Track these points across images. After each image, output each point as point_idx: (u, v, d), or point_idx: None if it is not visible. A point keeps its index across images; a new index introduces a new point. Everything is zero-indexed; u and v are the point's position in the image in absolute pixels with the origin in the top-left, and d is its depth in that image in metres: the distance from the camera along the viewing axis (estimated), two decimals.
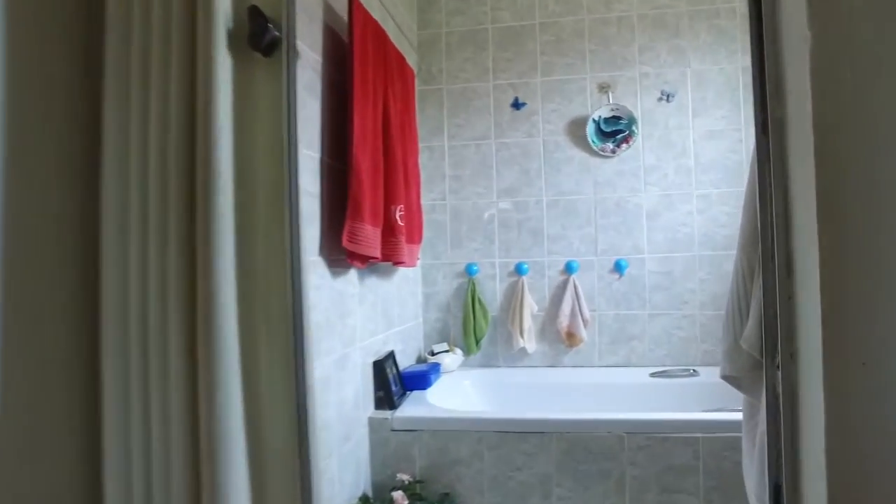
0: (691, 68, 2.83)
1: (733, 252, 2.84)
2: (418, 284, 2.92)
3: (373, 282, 2.21)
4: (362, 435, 2.06)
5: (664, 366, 2.77)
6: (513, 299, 2.86)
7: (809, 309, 0.74)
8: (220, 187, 0.86)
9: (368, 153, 1.88)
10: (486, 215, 2.92)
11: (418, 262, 2.63)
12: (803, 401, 0.76)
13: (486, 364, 2.91)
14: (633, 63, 2.87)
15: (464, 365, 2.88)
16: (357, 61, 1.82)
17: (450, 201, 2.96)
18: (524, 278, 2.86)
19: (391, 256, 2.03)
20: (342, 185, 1.85)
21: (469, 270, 2.90)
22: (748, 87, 2.77)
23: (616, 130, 2.82)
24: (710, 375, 2.67)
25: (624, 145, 2.82)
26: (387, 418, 2.11)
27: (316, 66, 1.77)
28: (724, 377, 1.06)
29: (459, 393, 2.63)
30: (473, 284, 2.88)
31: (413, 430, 2.09)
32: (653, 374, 2.71)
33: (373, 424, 2.12)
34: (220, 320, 0.86)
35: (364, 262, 1.91)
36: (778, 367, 0.83)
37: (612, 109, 2.82)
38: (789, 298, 0.81)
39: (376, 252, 1.89)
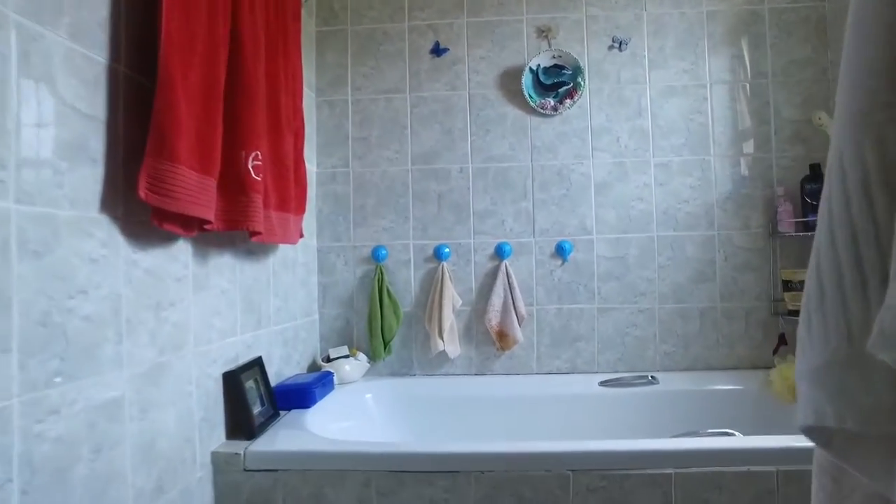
0: (647, 11, 2.33)
1: (697, 233, 2.37)
2: (312, 272, 2.30)
3: (224, 262, 1.59)
4: (199, 480, 1.43)
5: (616, 372, 2.25)
6: (431, 291, 2.28)
7: None
8: None
9: (196, 69, 1.26)
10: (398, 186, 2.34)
11: (301, 241, 2.01)
12: None
13: (398, 373, 2.32)
14: (578, 3, 2.34)
15: (370, 373, 2.28)
16: None
17: (353, 168, 2.35)
18: (445, 264, 2.28)
19: (239, 223, 1.41)
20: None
21: (376, 255, 2.31)
22: (714, 35, 2.30)
23: (558, 83, 2.29)
24: (672, 383, 2.17)
25: (567, 101, 2.29)
26: (238, 453, 1.49)
27: None
28: (811, 428, 0.43)
29: (358, 411, 2.03)
30: (382, 272, 2.28)
31: (274, 469, 1.47)
32: (603, 383, 2.18)
33: (218, 462, 1.49)
34: None
35: (190, 227, 1.28)
36: None
37: (554, 57, 2.29)
38: None
39: (206, 211, 1.27)
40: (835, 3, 2.24)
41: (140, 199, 1.12)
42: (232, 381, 1.56)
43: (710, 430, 1.70)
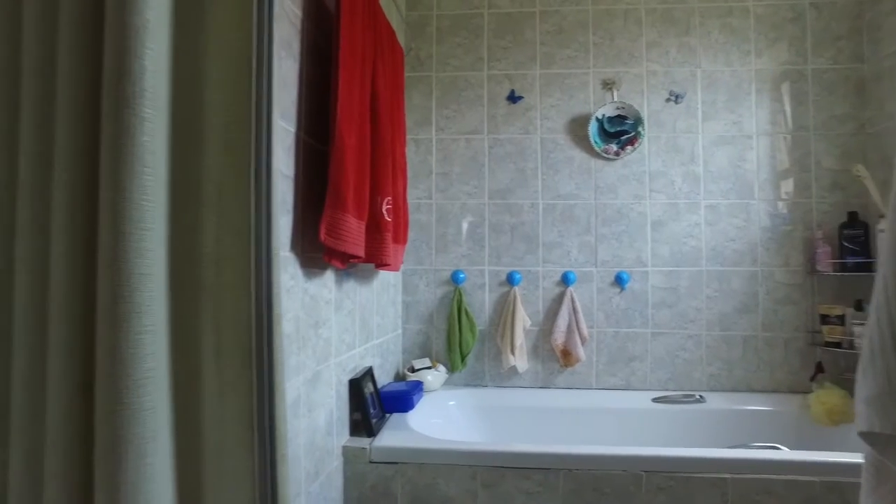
0: (701, 68, 2.61)
1: (743, 269, 2.65)
2: (398, 292, 2.61)
3: (350, 286, 1.90)
4: (335, 468, 1.73)
5: (667, 390, 2.52)
6: (503, 312, 2.57)
7: None
8: (143, 132, 0.55)
9: (354, 133, 1.58)
10: (470, 219, 2.64)
11: (400, 267, 2.32)
12: None
13: (472, 383, 2.62)
14: (640, 59, 2.64)
15: (447, 383, 2.58)
16: (345, 23, 1.52)
17: (436, 200, 2.66)
18: (516, 289, 2.58)
19: (376, 257, 1.73)
20: (320, 168, 1.54)
21: (455, 278, 2.61)
22: (761, 91, 2.57)
23: (621, 131, 2.58)
24: (718, 402, 2.43)
25: (629, 147, 2.58)
26: (364, 448, 1.79)
27: (294, 19, 1.46)
28: (865, 434, 0.75)
29: (444, 415, 2.32)
30: (460, 294, 2.58)
31: (395, 461, 1.78)
32: (655, 399, 2.45)
33: (348, 455, 1.79)
34: (133, 334, 0.54)
35: (344, 262, 1.59)
36: None
37: (618, 108, 2.58)
38: None
39: (360, 250, 1.58)
40: (873, 65, 2.50)
41: (320, 241, 1.44)
42: (356, 387, 1.87)
43: (757, 444, 1.97)
